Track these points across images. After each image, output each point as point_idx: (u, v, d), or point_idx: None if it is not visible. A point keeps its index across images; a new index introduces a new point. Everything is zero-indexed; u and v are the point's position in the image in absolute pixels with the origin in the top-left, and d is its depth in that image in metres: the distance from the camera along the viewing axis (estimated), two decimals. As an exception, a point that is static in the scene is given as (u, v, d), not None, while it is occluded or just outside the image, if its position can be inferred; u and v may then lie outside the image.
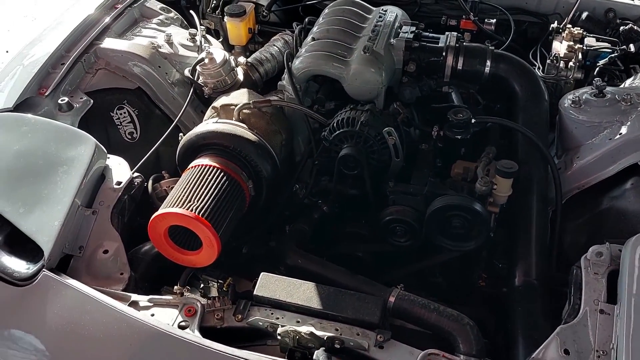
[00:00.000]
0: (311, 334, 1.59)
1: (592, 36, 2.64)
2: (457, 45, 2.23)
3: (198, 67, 2.41)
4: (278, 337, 1.61)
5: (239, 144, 2.05)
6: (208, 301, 1.72)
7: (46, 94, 2.27)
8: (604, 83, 2.18)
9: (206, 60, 2.37)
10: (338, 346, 1.60)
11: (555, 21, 2.74)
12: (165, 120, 2.51)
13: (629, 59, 2.54)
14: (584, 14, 2.75)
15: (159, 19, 2.76)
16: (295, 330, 1.59)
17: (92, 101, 2.36)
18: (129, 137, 2.49)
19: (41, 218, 1.79)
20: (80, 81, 2.42)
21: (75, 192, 1.85)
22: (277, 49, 2.63)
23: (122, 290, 1.76)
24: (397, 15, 2.40)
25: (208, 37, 2.78)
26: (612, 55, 2.52)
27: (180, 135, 2.18)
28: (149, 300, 1.72)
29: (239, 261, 2.17)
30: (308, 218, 2.19)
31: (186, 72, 2.50)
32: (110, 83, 2.48)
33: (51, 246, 1.73)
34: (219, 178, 1.94)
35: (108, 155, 2.04)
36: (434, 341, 1.73)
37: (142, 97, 2.52)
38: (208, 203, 1.84)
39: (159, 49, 2.54)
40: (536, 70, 2.50)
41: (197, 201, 1.83)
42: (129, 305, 1.69)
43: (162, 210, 1.82)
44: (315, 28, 2.38)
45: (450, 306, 1.76)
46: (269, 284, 1.74)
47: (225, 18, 2.81)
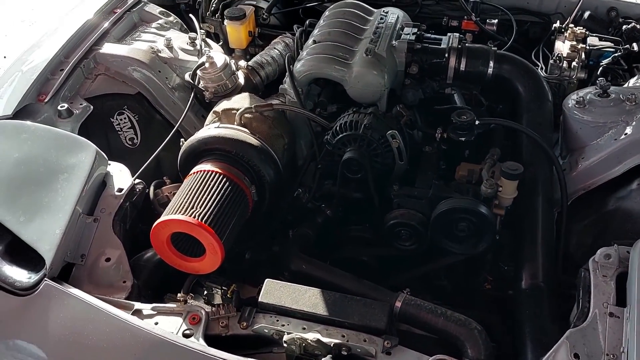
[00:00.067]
0: (318, 341, 1.57)
1: (595, 35, 2.61)
2: (460, 46, 2.21)
3: (199, 72, 2.39)
4: (284, 345, 1.59)
5: (242, 149, 2.03)
6: (212, 308, 1.71)
7: (45, 101, 2.25)
8: (608, 83, 2.16)
9: (207, 64, 2.36)
10: (345, 353, 1.59)
11: (557, 21, 2.72)
12: (165, 125, 2.49)
13: (632, 58, 2.53)
14: (586, 13, 2.73)
15: (159, 23, 2.74)
16: (301, 337, 1.58)
17: (92, 107, 2.34)
18: (130, 143, 2.47)
19: (42, 226, 1.78)
20: (79, 87, 2.40)
21: (76, 200, 1.83)
22: (278, 52, 2.62)
23: (125, 298, 1.75)
24: (399, 16, 2.38)
25: (208, 41, 2.76)
26: (615, 54, 2.50)
27: (181, 140, 2.16)
28: (153, 308, 1.70)
29: (242, 267, 2.16)
30: (311, 222, 2.17)
31: (187, 77, 2.48)
32: (110, 88, 2.46)
33: (53, 255, 1.71)
34: (222, 184, 1.92)
35: (109, 161, 2.03)
36: (441, 346, 1.72)
37: (143, 102, 2.50)
38: (211, 209, 1.82)
39: (159, 54, 2.52)
40: (539, 70, 2.48)
41: (200, 207, 1.81)
42: (132, 313, 1.68)
43: (165, 217, 1.80)
44: (316, 30, 2.36)
45: (457, 310, 1.74)
46: (274, 291, 1.72)
47: (225, 21, 2.79)
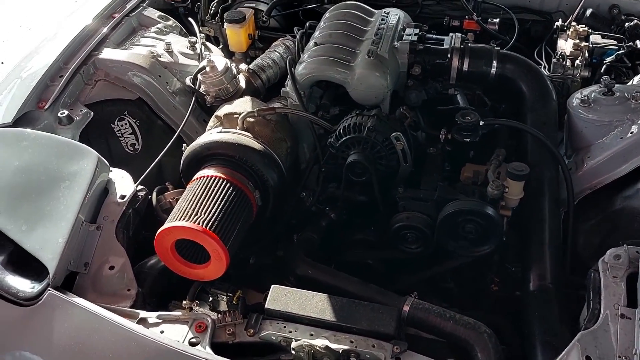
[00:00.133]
0: (326, 348, 1.55)
1: (598, 33, 2.60)
2: (462, 46, 2.20)
3: (199, 76, 2.37)
4: (292, 352, 1.57)
5: (245, 154, 2.01)
6: (218, 316, 1.68)
7: (45, 108, 2.23)
8: (613, 81, 2.14)
9: (207, 68, 2.33)
10: (354, 359, 1.57)
11: (559, 19, 2.71)
12: (167, 130, 2.47)
13: (636, 56, 2.51)
14: (588, 11, 2.72)
15: (158, 28, 2.72)
16: (309, 344, 1.56)
17: (93, 113, 2.33)
18: (131, 149, 2.45)
19: (44, 235, 1.75)
20: (79, 93, 2.39)
21: (78, 208, 1.81)
22: (279, 55, 2.60)
23: (130, 307, 1.72)
24: (400, 17, 2.36)
25: (208, 45, 2.74)
26: (619, 52, 2.49)
27: (183, 145, 2.14)
28: (158, 316, 1.68)
29: (247, 272, 2.14)
30: (316, 226, 2.15)
31: (187, 81, 2.46)
32: (110, 94, 2.44)
33: (56, 264, 1.69)
34: (225, 189, 1.90)
35: (110, 168, 2.01)
36: (450, 349, 1.70)
37: (143, 108, 2.48)
38: (215, 215, 1.80)
39: (159, 58, 2.50)
40: (542, 69, 2.47)
41: (204, 214, 1.79)
42: (138, 322, 1.65)
43: (169, 224, 1.78)
44: (317, 33, 2.34)
45: (465, 313, 1.73)
46: (281, 297, 1.70)
47: (224, 25, 2.77)
